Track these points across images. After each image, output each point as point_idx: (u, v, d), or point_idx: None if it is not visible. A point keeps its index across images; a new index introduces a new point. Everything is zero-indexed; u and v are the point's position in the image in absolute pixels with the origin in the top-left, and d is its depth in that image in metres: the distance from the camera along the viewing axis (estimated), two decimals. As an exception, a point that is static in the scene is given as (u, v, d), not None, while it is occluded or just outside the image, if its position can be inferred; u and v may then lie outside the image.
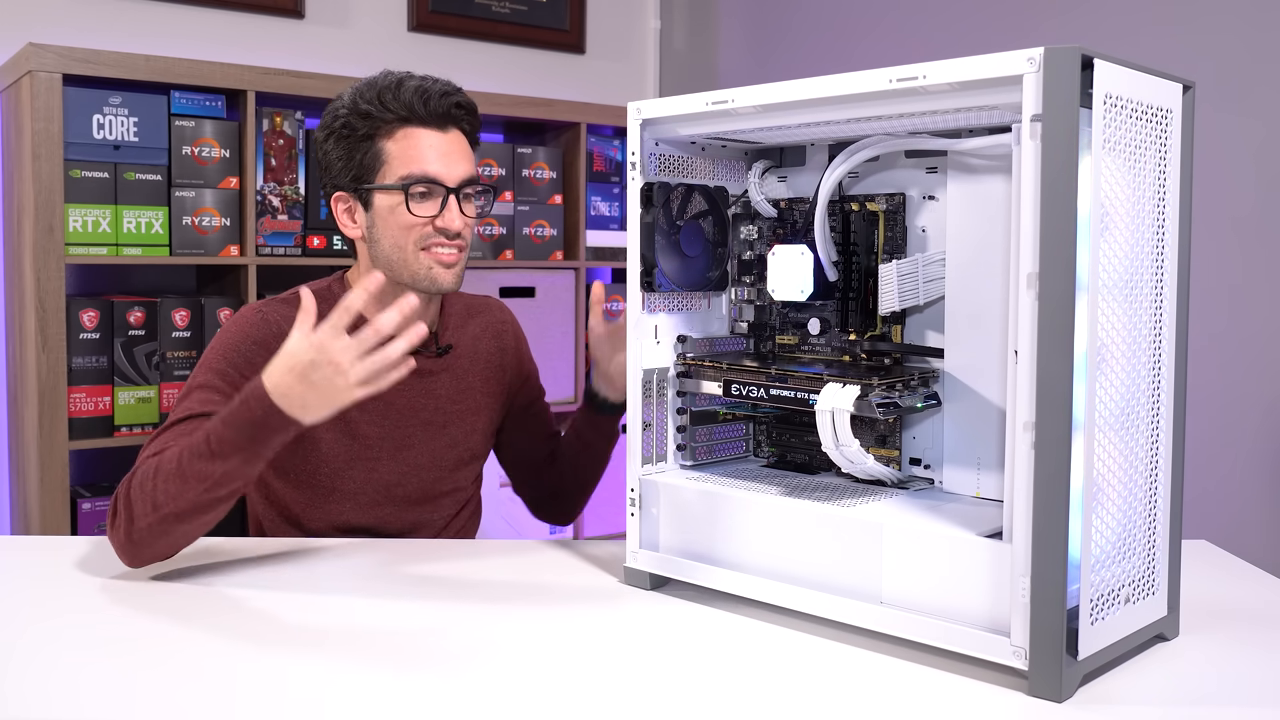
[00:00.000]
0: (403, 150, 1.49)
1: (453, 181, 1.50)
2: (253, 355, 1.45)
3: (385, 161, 1.49)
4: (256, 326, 1.49)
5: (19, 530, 2.39)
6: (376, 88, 1.50)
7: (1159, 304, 1.09)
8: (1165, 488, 1.12)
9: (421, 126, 1.50)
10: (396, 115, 1.49)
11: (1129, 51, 1.10)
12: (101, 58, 2.22)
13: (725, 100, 1.21)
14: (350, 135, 1.50)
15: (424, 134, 1.50)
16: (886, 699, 1.01)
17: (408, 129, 1.49)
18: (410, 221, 1.49)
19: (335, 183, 1.54)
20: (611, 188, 2.93)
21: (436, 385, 1.61)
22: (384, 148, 1.49)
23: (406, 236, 1.50)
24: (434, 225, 1.49)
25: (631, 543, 1.32)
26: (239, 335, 1.48)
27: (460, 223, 1.50)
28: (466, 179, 1.52)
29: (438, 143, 1.50)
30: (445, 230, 1.49)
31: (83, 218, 2.23)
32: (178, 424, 1.39)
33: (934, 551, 1.09)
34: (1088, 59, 0.96)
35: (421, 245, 1.50)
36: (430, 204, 1.49)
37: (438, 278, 1.51)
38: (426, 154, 1.49)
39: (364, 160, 1.50)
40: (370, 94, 1.50)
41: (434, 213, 1.49)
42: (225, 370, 1.44)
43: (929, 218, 1.26)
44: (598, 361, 1.64)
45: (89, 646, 1.11)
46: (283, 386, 1.24)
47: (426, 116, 1.49)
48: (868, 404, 1.16)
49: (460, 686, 1.02)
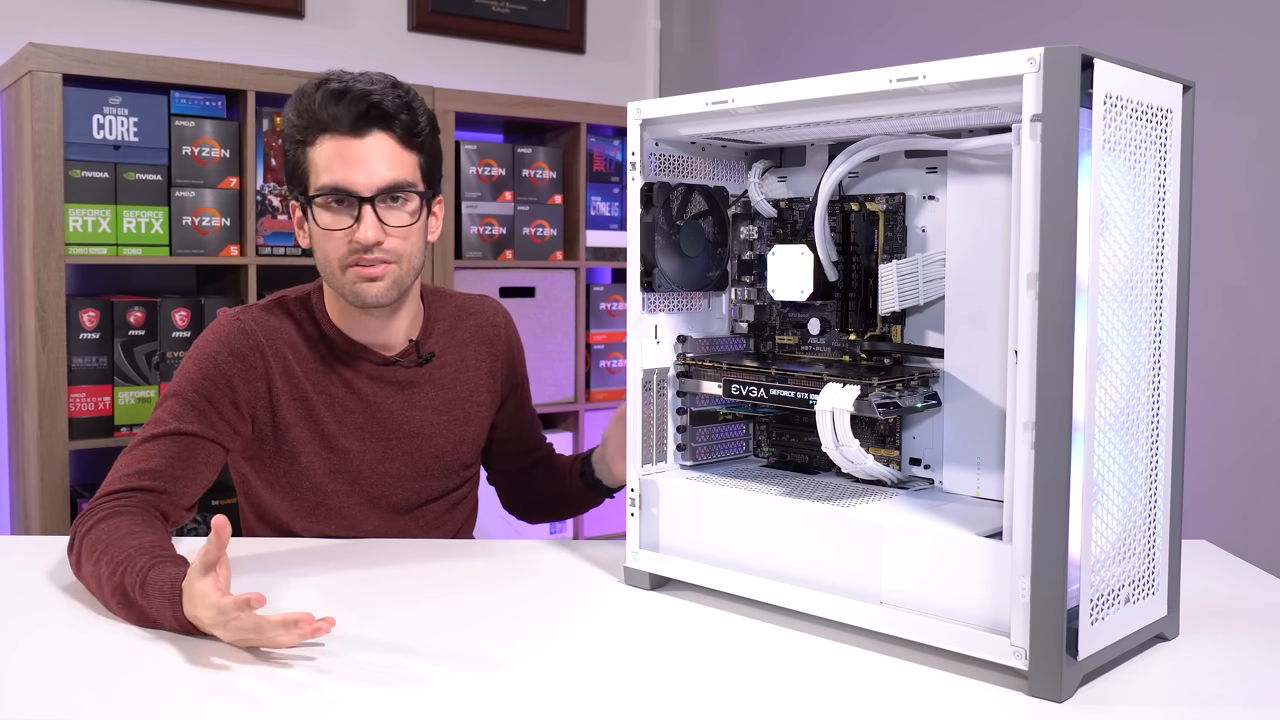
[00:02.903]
0: (319, 159, 1.42)
1: (367, 190, 1.41)
2: (229, 368, 1.45)
3: (310, 171, 1.44)
4: (234, 337, 1.47)
5: (19, 530, 2.39)
6: (305, 94, 1.43)
7: (1159, 304, 1.09)
8: (1165, 488, 1.12)
9: (335, 134, 1.41)
10: (315, 123, 1.42)
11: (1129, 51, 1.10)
12: (101, 58, 2.22)
13: (725, 100, 1.21)
14: (287, 141, 1.46)
15: (337, 142, 1.41)
16: (886, 699, 1.01)
17: (323, 137, 1.42)
18: (323, 235, 1.44)
19: (288, 190, 1.50)
20: (611, 188, 2.93)
21: (419, 396, 1.57)
22: (309, 157, 1.43)
23: (330, 251, 1.44)
24: (350, 240, 1.43)
25: (631, 543, 1.32)
26: (217, 346, 1.46)
27: (374, 234, 1.41)
28: (388, 185, 1.42)
29: (348, 149, 1.41)
30: (360, 243, 1.41)
31: (83, 218, 2.23)
32: (150, 441, 1.39)
33: (934, 551, 1.09)
34: (1088, 59, 0.96)
35: (346, 259, 1.43)
36: (346, 215, 1.42)
37: (361, 293, 1.44)
38: (335, 162, 1.41)
39: (297, 169, 1.45)
40: (299, 100, 1.44)
41: (347, 225, 1.42)
42: (201, 384, 1.43)
43: (929, 218, 1.26)
44: (607, 443, 1.60)
45: (89, 647, 1.11)
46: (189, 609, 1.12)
47: (343, 121, 1.41)
48: (868, 404, 1.16)
49: (460, 687, 1.02)
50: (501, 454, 1.72)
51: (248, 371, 1.46)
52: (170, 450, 1.39)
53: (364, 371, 1.53)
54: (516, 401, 1.71)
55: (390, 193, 1.43)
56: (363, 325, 1.52)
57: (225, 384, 1.44)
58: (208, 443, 1.42)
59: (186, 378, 1.44)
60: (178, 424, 1.40)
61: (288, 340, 1.51)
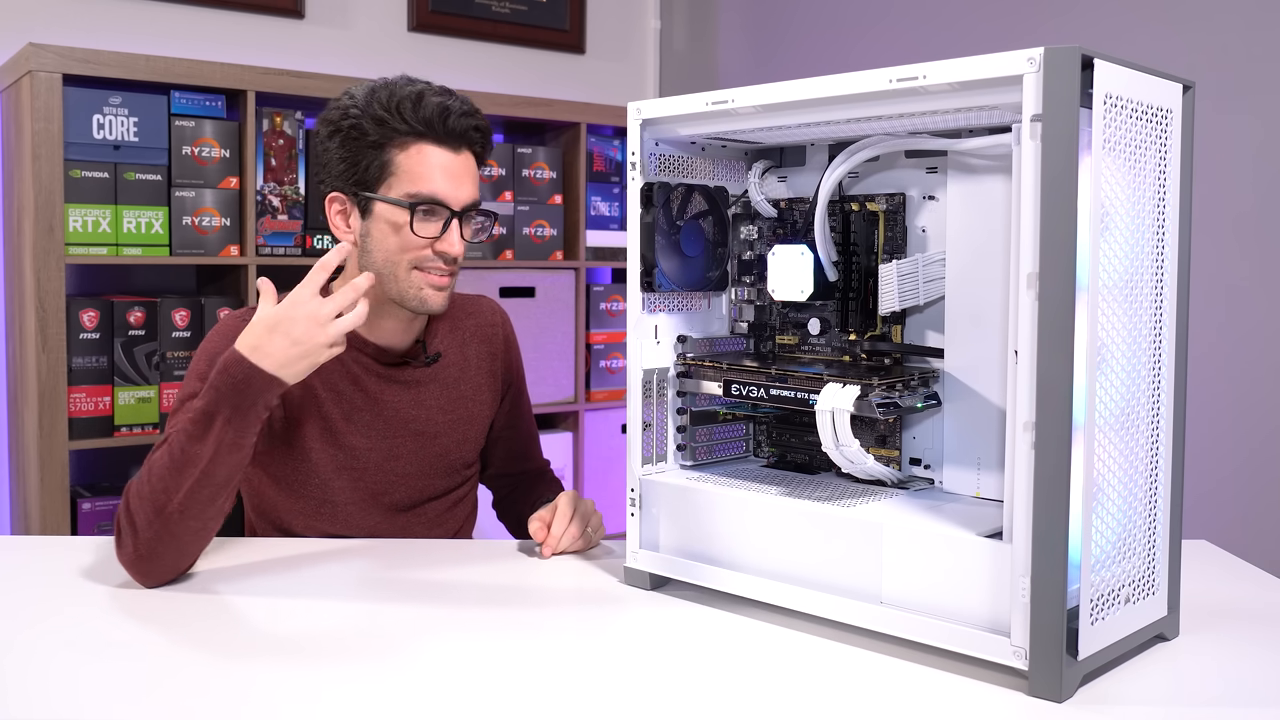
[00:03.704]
0: (414, 166, 1.44)
1: (459, 205, 1.46)
2: None
3: (393, 173, 1.45)
4: None
5: (19, 530, 2.39)
6: (396, 96, 1.44)
7: (1159, 304, 1.09)
8: (1165, 488, 1.12)
9: (436, 144, 1.45)
10: (413, 129, 1.44)
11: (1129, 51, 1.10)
12: (101, 58, 2.22)
13: (725, 100, 1.21)
14: (359, 139, 1.45)
15: (437, 152, 1.45)
16: (886, 699, 1.01)
17: (422, 144, 1.45)
18: (411, 241, 1.45)
19: (334, 183, 1.49)
20: (611, 188, 2.93)
21: (426, 396, 1.58)
22: (394, 159, 1.45)
23: (402, 254, 1.46)
24: (433, 248, 1.46)
25: (631, 543, 1.32)
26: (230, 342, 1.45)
27: (461, 248, 1.47)
28: (472, 203, 1.48)
29: (450, 163, 1.46)
30: (444, 254, 1.46)
31: (83, 218, 2.23)
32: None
33: (934, 551, 1.09)
34: (1088, 59, 0.96)
35: (416, 265, 1.46)
36: (432, 225, 1.45)
37: (427, 299, 1.48)
38: (437, 174, 1.45)
39: (370, 167, 1.46)
40: (389, 100, 1.44)
41: (435, 234, 1.45)
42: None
43: (929, 218, 1.26)
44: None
45: (89, 647, 1.11)
46: (260, 345, 1.25)
47: (444, 135, 1.45)
48: (868, 404, 1.16)
49: (460, 687, 1.02)
50: (494, 456, 1.72)
51: None
52: None
53: (372, 370, 1.54)
54: (513, 402, 1.72)
55: (474, 210, 1.49)
56: (380, 327, 1.53)
57: None
58: None
59: (200, 378, 1.42)
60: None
61: None
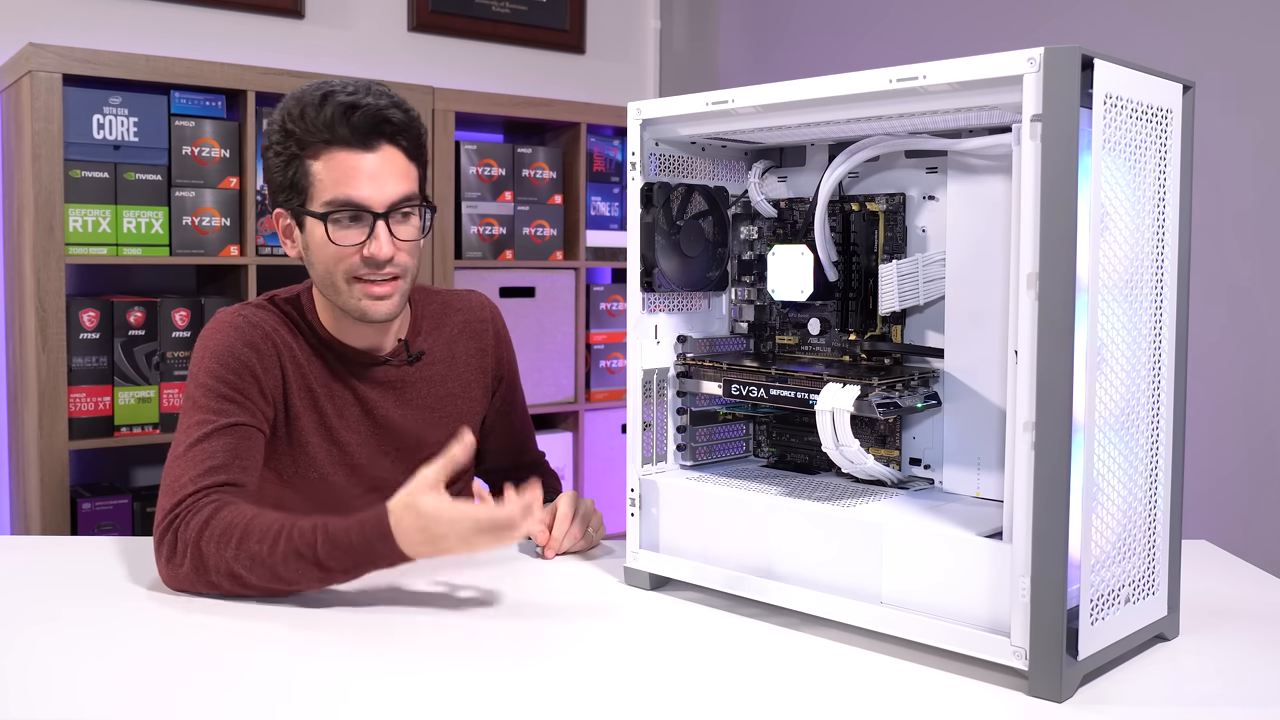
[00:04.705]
0: (328, 173, 1.39)
1: (381, 205, 1.39)
2: (247, 359, 1.42)
3: (313, 184, 1.40)
4: (244, 330, 1.45)
5: (19, 530, 2.39)
6: (302, 104, 1.40)
7: (1159, 304, 1.09)
8: (1165, 488, 1.12)
9: (345, 148, 1.38)
10: (319, 136, 1.38)
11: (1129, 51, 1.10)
12: (101, 58, 2.22)
13: (725, 100, 1.21)
14: (281, 153, 1.42)
15: (348, 156, 1.38)
16: (886, 699, 1.01)
17: (332, 150, 1.38)
18: (339, 251, 1.41)
19: (273, 199, 1.46)
20: (611, 188, 2.93)
21: (412, 395, 1.56)
22: (310, 169, 1.39)
23: (335, 265, 1.41)
24: (361, 255, 1.41)
25: (631, 543, 1.32)
26: (231, 340, 1.44)
27: (389, 250, 1.40)
28: (398, 199, 1.40)
29: (363, 164, 1.39)
30: (373, 259, 1.39)
31: (83, 218, 2.23)
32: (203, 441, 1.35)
33: (934, 551, 1.09)
34: (1088, 59, 0.96)
35: (352, 275, 1.41)
36: (357, 231, 1.39)
37: (368, 310, 1.43)
38: (349, 178, 1.38)
39: (295, 179, 1.42)
40: (297, 110, 1.40)
41: (360, 240, 1.39)
42: (226, 377, 1.41)
43: (929, 218, 1.26)
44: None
45: (89, 647, 1.11)
46: (410, 537, 1.22)
47: (351, 136, 1.38)
48: (868, 404, 1.16)
49: (460, 687, 1.02)
50: (488, 450, 1.71)
51: (264, 360, 1.45)
52: (227, 444, 1.36)
53: (357, 372, 1.53)
54: (506, 396, 1.69)
55: (401, 207, 1.42)
56: (356, 331, 1.52)
57: (249, 374, 1.42)
58: (254, 430, 1.41)
59: (210, 375, 1.41)
60: (222, 419, 1.38)
61: (287, 335, 1.51)
